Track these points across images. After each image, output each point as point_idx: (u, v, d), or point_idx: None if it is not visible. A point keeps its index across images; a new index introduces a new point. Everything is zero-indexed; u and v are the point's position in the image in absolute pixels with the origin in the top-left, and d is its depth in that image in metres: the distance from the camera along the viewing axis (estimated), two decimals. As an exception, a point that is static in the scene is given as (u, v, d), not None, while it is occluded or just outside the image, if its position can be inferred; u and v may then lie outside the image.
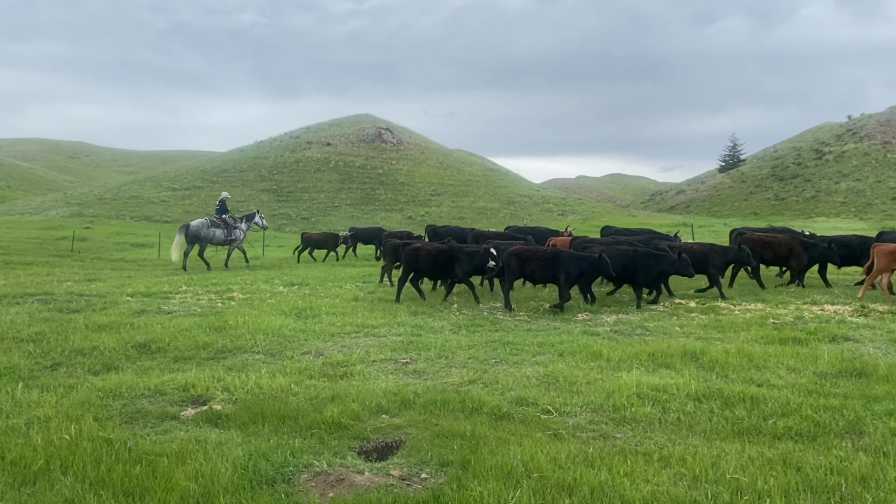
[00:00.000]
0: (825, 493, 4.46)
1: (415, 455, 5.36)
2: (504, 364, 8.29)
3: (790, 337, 9.48)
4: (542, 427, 5.96)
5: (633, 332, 10.44)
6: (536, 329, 10.73)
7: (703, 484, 4.62)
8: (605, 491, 4.49)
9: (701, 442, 5.51)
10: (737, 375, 7.46)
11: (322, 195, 52.53)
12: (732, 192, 74.67)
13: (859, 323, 10.81)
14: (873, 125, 76.41)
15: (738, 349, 8.54)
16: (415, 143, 68.46)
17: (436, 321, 11.37)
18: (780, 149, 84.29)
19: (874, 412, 6.12)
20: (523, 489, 4.56)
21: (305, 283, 16.82)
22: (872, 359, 8.13)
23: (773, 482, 4.56)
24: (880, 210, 57.65)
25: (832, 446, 5.33)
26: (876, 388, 6.89)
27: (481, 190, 57.53)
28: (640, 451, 5.31)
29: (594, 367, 7.98)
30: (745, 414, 6.13)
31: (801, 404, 6.28)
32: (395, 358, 8.64)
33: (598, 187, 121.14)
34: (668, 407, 6.38)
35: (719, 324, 10.87)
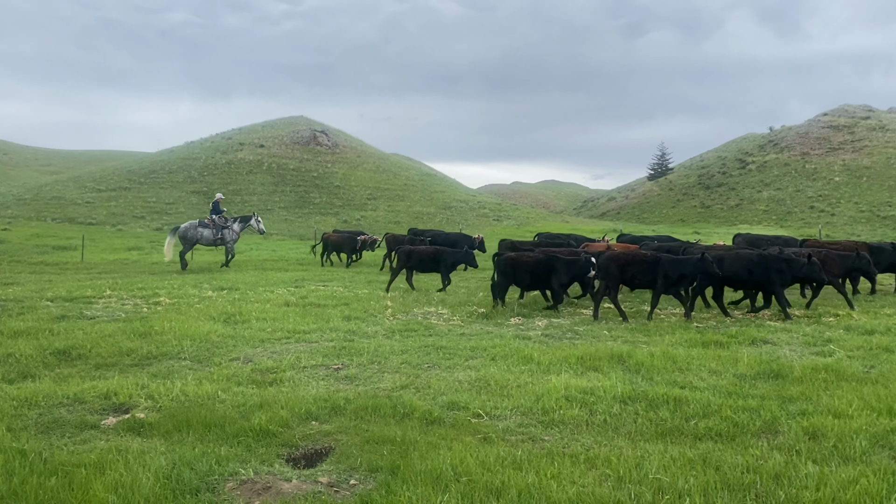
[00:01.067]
0: (741, 490, 4.63)
1: (344, 461, 5.32)
2: (437, 369, 8.31)
3: (712, 340, 9.82)
4: (473, 431, 6.01)
5: (563, 335, 10.62)
6: (470, 333, 10.79)
7: (627, 484, 4.73)
8: (532, 493, 4.55)
9: (626, 443, 5.65)
10: (661, 378, 7.67)
11: (255, 198, 51.57)
12: (661, 200, 76.82)
13: (777, 326, 11.27)
14: (793, 137, 79.87)
15: (663, 352, 8.79)
16: (351, 146, 67.99)
17: (369, 326, 11.31)
18: (707, 158, 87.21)
19: (789, 412, 6.38)
20: (451, 493, 4.58)
21: (235, 288, 16.48)
22: (788, 361, 8.50)
23: (693, 481, 4.71)
24: (799, 218, 60.27)
25: (749, 445, 5.54)
26: (791, 389, 7.20)
27: (418, 194, 57.56)
28: (568, 452, 5.40)
29: (525, 370, 8.08)
30: (668, 415, 6.31)
31: (721, 405, 6.51)
32: (326, 364, 8.55)
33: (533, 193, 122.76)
34: (595, 409, 6.52)
35: (646, 328, 11.17)
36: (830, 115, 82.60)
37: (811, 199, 65.37)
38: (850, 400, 6.62)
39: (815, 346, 9.61)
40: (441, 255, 17.07)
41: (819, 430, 5.80)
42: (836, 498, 4.43)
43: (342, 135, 71.17)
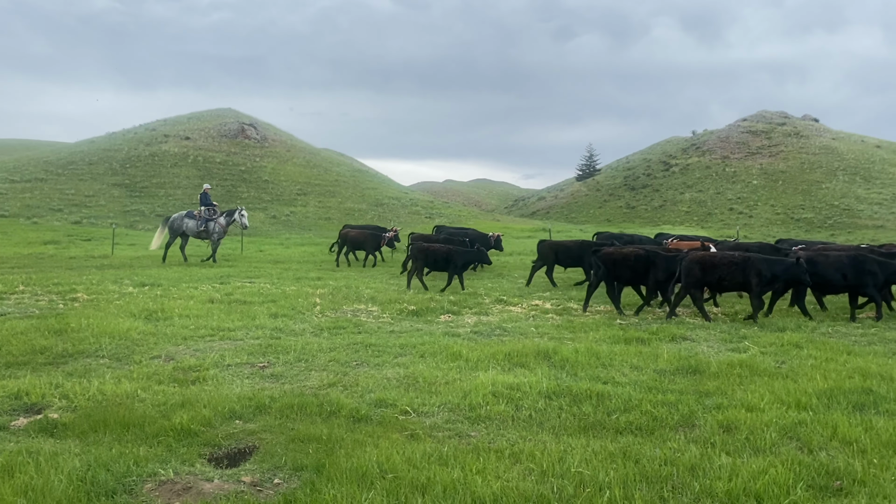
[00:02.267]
0: (659, 482, 4.78)
1: (268, 460, 5.25)
2: (365, 366, 8.28)
3: (634, 337, 10.10)
4: (400, 428, 6.01)
5: (492, 332, 10.73)
6: (399, 331, 10.78)
7: (550, 478, 4.82)
8: (457, 488, 4.59)
9: (550, 438, 5.75)
10: (585, 373, 7.85)
11: (179, 191, 50.09)
12: (588, 200, 78.48)
13: (696, 324, 11.69)
14: (714, 141, 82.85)
15: (588, 348, 8.99)
16: (280, 140, 66.82)
17: (297, 324, 11.17)
18: (632, 160, 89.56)
19: (705, 406, 6.63)
20: (377, 490, 4.58)
21: (158, 284, 15.99)
22: (706, 357, 8.82)
23: (614, 474, 4.84)
24: (719, 219, 62.59)
25: (667, 439, 5.73)
26: (708, 383, 7.48)
27: (349, 190, 57.07)
28: (493, 448, 5.47)
29: (454, 367, 8.13)
30: (591, 410, 6.47)
31: (641, 400, 6.70)
32: (251, 362, 8.40)
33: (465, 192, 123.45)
34: (521, 405, 6.62)
35: (571, 324, 11.40)
36: (749, 121, 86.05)
37: (731, 200, 67.96)
38: (762, 394, 6.92)
39: (731, 342, 10.00)
40: (453, 254, 16.64)
41: (733, 423, 6.04)
42: (746, 488, 4.62)
43: (271, 128, 69.88)
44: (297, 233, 42.35)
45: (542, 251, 18.53)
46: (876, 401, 6.73)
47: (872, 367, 8.06)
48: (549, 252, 18.27)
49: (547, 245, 18.66)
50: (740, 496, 4.51)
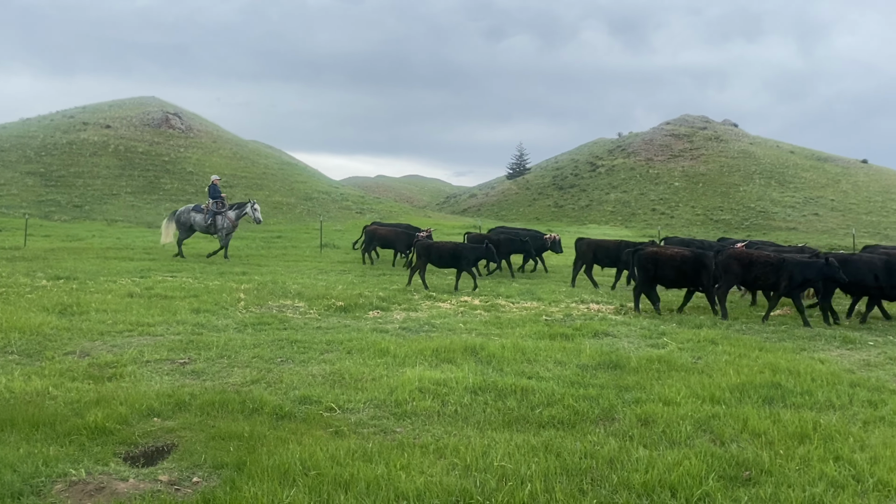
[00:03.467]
0: (579, 475, 4.89)
1: (187, 459, 5.11)
2: (290, 363, 8.17)
3: (559, 333, 10.29)
4: (325, 425, 5.96)
5: (420, 329, 10.74)
6: (326, 327, 10.67)
7: (474, 472, 4.87)
8: (380, 484, 4.58)
9: (474, 432, 5.81)
10: (510, 368, 7.96)
11: (98, 181, 48.16)
12: (518, 198, 79.49)
13: (618, 320, 11.99)
14: (639, 143, 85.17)
15: (514, 344, 9.12)
16: (206, 130, 65.01)
17: (220, 319, 10.91)
18: (561, 160, 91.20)
19: (624, 400, 6.82)
20: (299, 487, 4.53)
21: (74, 277, 15.34)
22: (626, 352, 9.07)
23: (535, 468, 4.92)
24: (642, 220, 64.41)
25: (588, 432, 5.87)
26: (627, 378, 7.70)
27: (277, 184, 56.05)
28: (418, 443, 5.48)
29: (381, 363, 8.11)
30: (515, 404, 6.56)
31: (564, 394, 6.84)
32: (171, 358, 8.17)
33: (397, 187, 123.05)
34: (447, 400, 6.66)
35: (499, 320, 11.53)
36: (672, 125, 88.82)
37: (653, 201, 70.03)
38: (678, 388, 7.17)
39: (651, 338, 10.31)
40: (461, 250, 16.38)
41: (650, 417, 6.24)
42: (662, 479, 4.77)
43: (197, 118, 67.92)
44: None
45: (580, 250, 18.33)
46: (784, 395, 7.06)
47: (782, 362, 8.45)
48: (587, 251, 18.15)
49: (585, 244, 18.43)
50: (656, 488, 4.66)
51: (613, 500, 4.48)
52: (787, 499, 4.51)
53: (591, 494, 4.56)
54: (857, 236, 41.23)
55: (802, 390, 7.17)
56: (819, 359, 9.00)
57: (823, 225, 58.77)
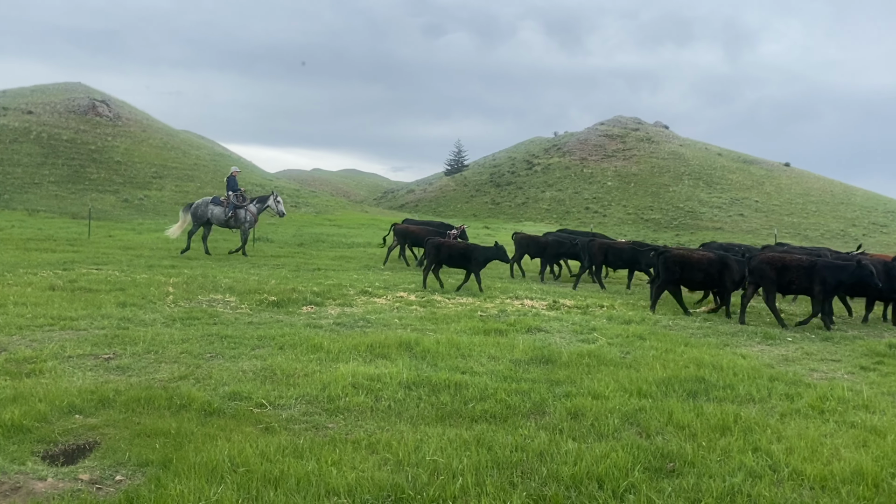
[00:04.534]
0: (510, 468, 4.95)
1: (110, 457, 4.95)
2: (220, 358, 8.00)
3: (493, 328, 10.39)
4: (255, 421, 5.87)
5: (355, 324, 10.67)
6: (258, 322, 10.50)
7: (406, 467, 4.87)
8: (311, 480, 4.54)
9: (407, 427, 5.81)
10: (445, 364, 7.99)
11: (19, 170, 46.08)
12: (456, 195, 79.88)
13: (550, 316, 12.19)
14: (574, 143, 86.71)
15: (448, 339, 9.16)
16: (135, 119, 62.93)
17: (147, 313, 10.59)
18: (498, 158, 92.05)
19: (555, 394, 6.94)
20: (227, 484, 4.44)
21: (-9, 269, 14.64)
22: (558, 347, 9.23)
23: (467, 461, 4.96)
24: (576, 217, 65.62)
25: (519, 426, 5.94)
26: (559, 373, 7.83)
27: (209, 175, 54.75)
28: (350, 439, 5.46)
29: (314, 359, 8.02)
30: (448, 399, 6.59)
31: (496, 389, 6.91)
32: (95, 353, 7.89)
33: (334, 181, 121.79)
34: (381, 395, 6.64)
35: (434, 316, 11.56)
36: (606, 125, 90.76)
37: (587, 200, 71.44)
38: (607, 383, 7.33)
39: (582, 333, 10.52)
40: (471, 251, 15.95)
41: (580, 410, 6.36)
42: (590, 472, 4.87)
43: (126, 106, 65.68)
44: (151, 218, 40.09)
45: (592, 251, 18.30)
46: (707, 388, 7.31)
47: (706, 357, 8.74)
48: (598, 253, 18.08)
49: (597, 245, 18.34)
50: (584, 480, 4.75)
51: (542, 493, 4.55)
52: (707, 489, 4.67)
53: (520, 487, 4.63)
54: (779, 236, 42.96)
55: (725, 384, 7.44)
56: (741, 354, 9.36)
57: (748, 225, 61.07)
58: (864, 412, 6.66)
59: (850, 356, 9.57)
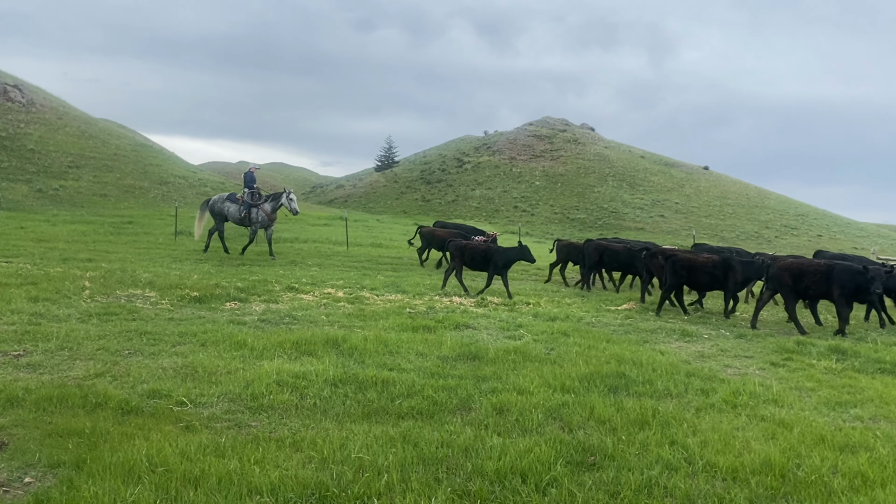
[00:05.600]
0: (435, 464, 4.98)
1: (18, 458, 4.73)
2: (139, 355, 7.75)
3: (421, 325, 10.41)
4: (175, 420, 5.71)
5: (280, 321, 10.51)
6: (179, 318, 10.21)
7: (331, 465, 4.84)
8: (232, 479, 4.45)
9: (333, 425, 5.77)
10: (372, 361, 7.96)
11: (-80, 156, 43.38)
12: (386, 191, 79.58)
13: (478, 313, 12.30)
14: (503, 142, 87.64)
15: (376, 336, 9.13)
16: (51, 106, 60.04)
17: (61, 309, 10.16)
18: (429, 155, 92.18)
19: (481, 390, 7.01)
20: (145, 485, 4.31)
21: None
22: (485, 344, 9.32)
23: (393, 458, 4.96)
24: (505, 216, 66.41)
25: (445, 422, 5.98)
26: (485, 369, 7.91)
27: (130, 166, 52.79)
28: (274, 437, 5.38)
29: (237, 356, 7.87)
30: (375, 396, 6.58)
31: (424, 386, 6.94)
32: (4, 350, 7.53)
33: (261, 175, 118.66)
34: (306, 393, 6.57)
35: (362, 313, 11.50)
36: (535, 126, 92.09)
37: (516, 199, 72.36)
38: (532, 378, 7.45)
39: (509, 330, 10.66)
40: (492, 253, 15.48)
41: (505, 406, 6.45)
42: (514, 466, 4.95)
43: (40, 92, 62.60)
44: (67, 209, 38.38)
45: (588, 252, 18.17)
46: (627, 384, 7.52)
47: (626, 353, 8.99)
48: (594, 254, 18.01)
49: (593, 247, 18.25)
50: (508, 474, 4.82)
51: (467, 488, 4.60)
52: (626, 482, 4.81)
53: (445, 483, 4.66)
54: (698, 237, 44.56)
55: (644, 380, 7.67)
56: (660, 350, 9.67)
57: (668, 226, 63.10)
58: (774, 406, 6.99)
59: (761, 353, 10.02)
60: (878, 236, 68.97)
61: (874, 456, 5.49)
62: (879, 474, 5.09)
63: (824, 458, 5.40)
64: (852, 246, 57.77)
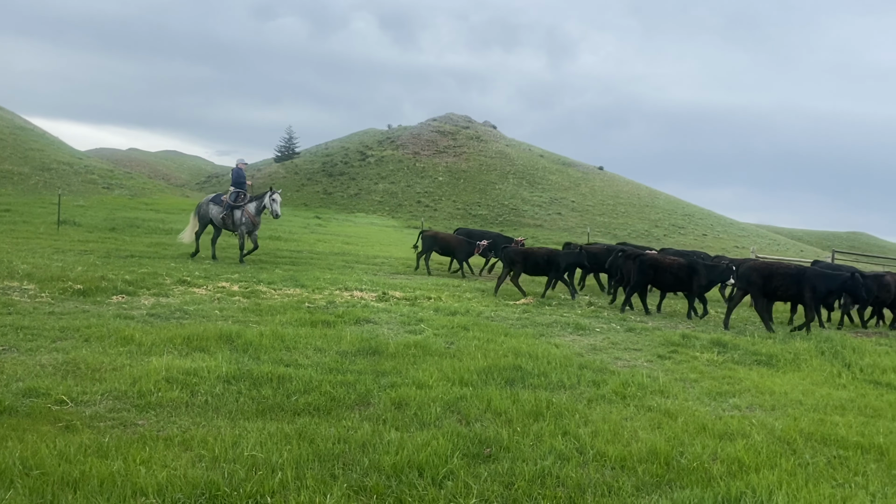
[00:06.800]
0: (331, 460, 4.92)
1: None
2: (14, 352, 7.28)
3: (321, 320, 10.26)
4: (53, 419, 5.38)
5: (171, 315, 10.11)
6: (61, 312, 9.63)
7: (222, 463, 4.69)
8: (116, 481, 4.24)
9: (225, 423, 5.60)
10: (268, 356, 7.78)
11: None
12: (286, 182, 77.91)
13: (380, 307, 12.25)
14: (407, 136, 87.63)
15: (273, 331, 8.92)
16: (-84, 82, 55.30)
17: (-75, 301, 9.37)
18: (331, 147, 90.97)
19: (381, 385, 6.98)
20: (18, 489, 4.04)
21: None
22: (385, 338, 9.29)
23: (287, 455, 4.86)
24: (408, 211, 66.41)
25: (343, 418, 5.92)
26: (385, 363, 7.89)
27: (8, 150, 49.36)
28: (162, 436, 5.16)
29: (123, 352, 7.52)
30: (270, 393, 6.43)
31: (321, 381, 6.84)
32: None
33: (152, 163, 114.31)
34: (198, 390, 6.35)
35: (258, 307, 11.21)
36: (438, 122, 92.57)
37: (419, 194, 72.52)
38: (431, 372, 7.49)
39: (410, 325, 10.67)
40: (556, 256, 15.39)
41: (404, 400, 6.45)
42: (411, 460, 4.95)
43: None
44: (-65, 195, 35.50)
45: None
46: (523, 376, 7.69)
47: (523, 346, 9.19)
48: None
49: None
50: (405, 468, 4.82)
51: (363, 484, 4.56)
52: (521, 473, 4.91)
53: (342, 479, 4.61)
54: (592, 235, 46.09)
55: (539, 372, 7.86)
56: (555, 343, 9.94)
57: (565, 223, 64.94)
58: (660, 397, 7.32)
59: (649, 345, 10.47)
60: (757, 236, 73.62)
61: (750, 443, 5.85)
62: (754, 460, 5.42)
63: (705, 445, 5.71)
64: (734, 245, 61.38)
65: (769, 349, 10.40)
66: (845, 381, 8.93)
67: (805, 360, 9.86)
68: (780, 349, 10.46)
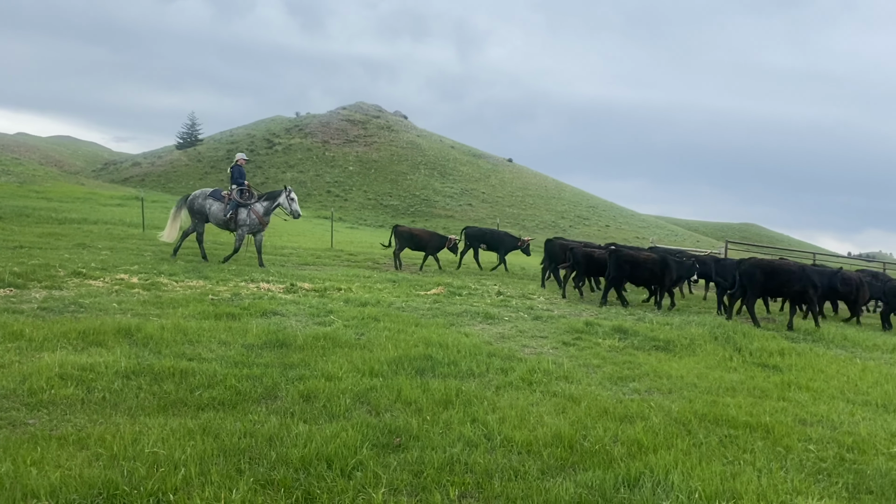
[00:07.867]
0: (237, 455, 4.82)
1: None
2: None
3: (225, 312, 10.00)
4: (-68, 422, 5.03)
5: (65, 309, 9.60)
6: (-60, 306, 8.99)
7: (121, 461, 4.52)
8: (4, 484, 4.01)
9: (125, 419, 5.39)
10: (170, 350, 7.53)
11: None
12: (189, 170, 75.38)
13: (287, 299, 12.04)
14: (316, 124, 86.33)
15: (175, 325, 8.63)
16: None
17: None
18: (236, 134, 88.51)
19: (288, 378, 6.88)
20: None
21: None
22: (293, 331, 9.15)
23: (191, 451, 4.72)
24: (317, 201, 65.49)
25: (249, 412, 5.80)
26: (293, 356, 7.77)
27: None
28: (56, 435, 4.92)
29: (12, 348, 7.10)
30: (172, 388, 6.22)
31: (226, 375, 6.67)
32: None
33: (43, 148, 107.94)
34: (94, 386, 6.08)
35: (159, 300, 10.81)
36: (348, 110, 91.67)
37: (329, 184, 71.65)
38: (341, 364, 7.45)
39: (319, 316, 10.55)
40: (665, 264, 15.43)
41: (313, 393, 6.39)
42: (319, 452, 4.91)
43: None
44: None
45: (548, 250, 18.30)
46: (434, 365, 7.75)
47: (433, 336, 9.26)
48: (558, 251, 17.92)
49: (557, 245, 18.21)
50: (313, 461, 4.78)
51: (271, 477, 4.50)
52: (430, 461, 4.96)
53: (248, 473, 4.52)
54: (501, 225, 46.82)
55: (449, 361, 7.95)
56: (465, 332, 10.06)
57: (475, 214, 65.70)
58: (565, 382, 7.55)
59: (554, 333, 10.76)
60: (656, 227, 76.75)
61: (648, 425, 6.12)
62: (652, 441, 5.68)
63: (607, 428, 5.93)
64: (635, 236, 63.76)
65: (667, 335, 10.88)
66: (736, 364, 9.48)
67: (700, 345, 10.40)
68: (677, 335, 10.97)
